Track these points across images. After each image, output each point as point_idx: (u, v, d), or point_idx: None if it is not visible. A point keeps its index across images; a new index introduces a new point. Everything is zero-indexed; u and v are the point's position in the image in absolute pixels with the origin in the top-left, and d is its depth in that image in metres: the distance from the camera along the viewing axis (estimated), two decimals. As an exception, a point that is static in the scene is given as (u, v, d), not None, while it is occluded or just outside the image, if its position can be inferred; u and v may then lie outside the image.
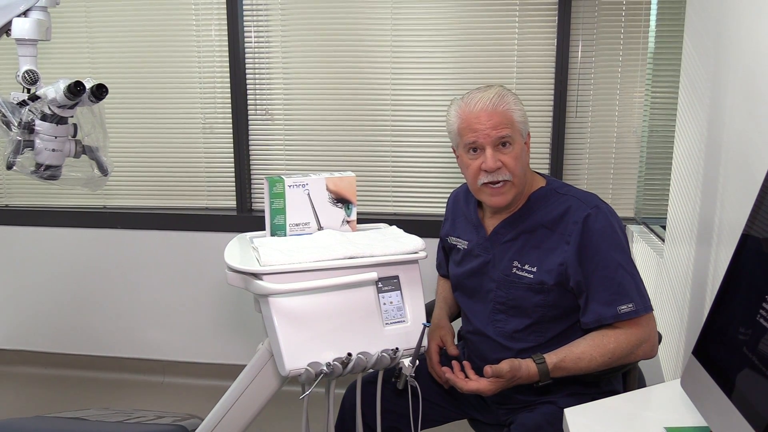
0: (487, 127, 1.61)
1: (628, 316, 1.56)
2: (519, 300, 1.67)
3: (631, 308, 1.56)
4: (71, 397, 3.11)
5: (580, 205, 1.63)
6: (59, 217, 3.23)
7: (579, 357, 1.56)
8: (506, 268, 1.69)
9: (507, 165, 1.62)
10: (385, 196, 3.06)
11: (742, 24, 1.61)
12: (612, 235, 1.60)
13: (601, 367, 1.56)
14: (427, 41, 2.91)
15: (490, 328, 1.72)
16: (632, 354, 1.58)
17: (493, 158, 1.61)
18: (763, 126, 1.44)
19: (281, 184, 1.72)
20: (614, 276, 1.57)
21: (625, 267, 1.59)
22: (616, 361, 1.57)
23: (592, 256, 1.58)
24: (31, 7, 1.57)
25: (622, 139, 2.88)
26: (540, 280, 1.63)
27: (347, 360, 1.52)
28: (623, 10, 2.79)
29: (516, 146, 1.63)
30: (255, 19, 3.00)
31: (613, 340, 1.56)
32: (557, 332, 1.65)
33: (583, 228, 1.59)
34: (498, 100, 1.62)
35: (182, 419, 2.06)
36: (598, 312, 1.58)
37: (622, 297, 1.56)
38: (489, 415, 1.80)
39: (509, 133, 1.61)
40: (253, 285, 1.53)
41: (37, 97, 1.56)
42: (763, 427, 0.83)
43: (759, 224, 0.97)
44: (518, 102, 1.65)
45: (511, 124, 1.62)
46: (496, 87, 1.66)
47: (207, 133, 3.14)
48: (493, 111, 1.61)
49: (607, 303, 1.57)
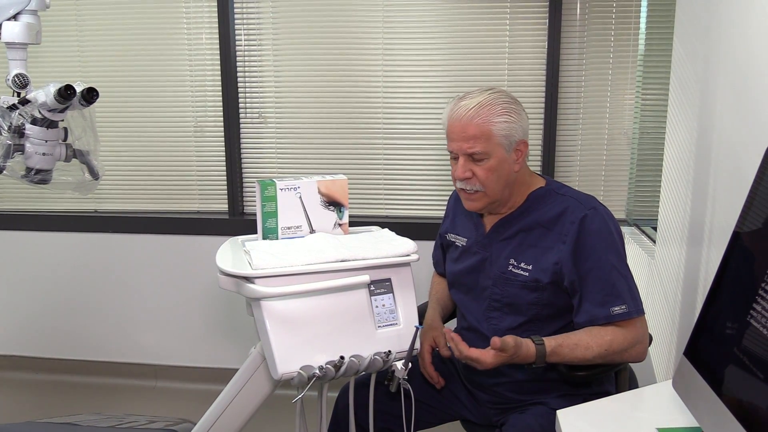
0: (460, 139, 1.62)
1: (620, 318, 1.57)
2: (514, 297, 1.67)
3: (624, 310, 1.57)
4: (62, 402, 3.09)
5: (578, 206, 1.64)
6: (50, 222, 3.22)
7: (576, 344, 1.56)
8: (502, 265, 1.70)
9: (478, 176, 1.63)
10: (377, 198, 3.06)
11: (732, 25, 1.62)
12: (607, 236, 1.61)
13: (596, 359, 1.56)
14: (419, 44, 2.91)
15: (485, 325, 1.73)
16: (626, 352, 1.58)
17: (462, 168, 1.63)
18: (752, 126, 1.45)
19: (273, 187, 1.72)
20: (608, 277, 1.58)
21: (619, 269, 1.60)
22: (611, 355, 1.57)
23: (588, 257, 1.59)
24: (21, 10, 1.56)
25: (613, 141, 2.89)
26: (535, 278, 1.64)
27: (340, 363, 1.51)
28: (613, 12, 2.80)
29: (492, 159, 1.62)
30: (246, 22, 3.00)
31: (609, 333, 1.57)
32: (551, 331, 1.65)
33: (579, 228, 1.60)
34: (475, 113, 1.59)
35: (174, 423, 2.05)
36: (590, 312, 1.58)
37: (615, 298, 1.57)
38: (480, 416, 1.81)
39: (480, 150, 1.60)
40: (245, 288, 1.52)
41: (28, 100, 1.55)
42: (755, 428, 0.84)
43: (749, 225, 0.97)
44: (506, 111, 1.61)
45: (486, 138, 1.60)
46: (486, 94, 1.62)
47: (198, 137, 3.13)
48: (468, 123, 1.60)
49: (600, 304, 1.57)
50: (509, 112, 1.62)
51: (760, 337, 0.86)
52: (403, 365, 1.58)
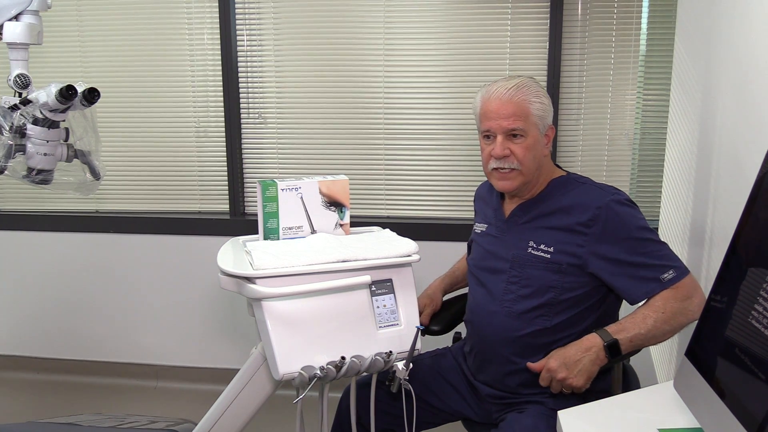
0: (500, 117, 1.66)
1: (672, 282, 1.57)
2: (533, 279, 1.68)
3: (673, 274, 1.58)
4: (63, 402, 3.09)
5: (601, 192, 1.68)
6: (51, 222, 3.22)
7: (632, 319, 1.57)
8: (522, 248, 1.72)
9: (515, 154, 1.67)
10: (378, 199, 3.06)
11: (733, 25, 1.62)
12: (636, 214, 1.65)
13: (659, 325, 1.55)
14: (420, 45, 2.91)
15: (498, 307, 1.73)
16: (685, 310, 1.56)
17: (501, 146, 1.67)
18: (754, 127, 1.45)
19: (274, 187, 1.72)
20: (648, 250, 1.60)
21: (655, 239, 1.63)
22: (671, 318, 1.56)
23: (623, 237, 1.61)
24: (22, 11, 1.56)
25: (615, 141, 2.89)
26: (557, 260, 1.66)
27: (341, 363, 1.51)
28: (614, 12, 2.80)
29: (529, 138, 1.67)
30: (247, 23, 3.00)
31: (659, 298, 1.57)
32: (563, 319, 1.66)
33: (607, 212, 1.63)
34: (515, 92, 1.66)
35: (175, 424, 2.05)
36: (643, 287, 1.59)
37: (662, 267, 1.58)
38: (482, 413, 1.81)
39: (520, 126, 1.65)
40: (246, 289, 1.52)
41: (29, 101, 1.56)
42: (756, 428, 0.84)
43: (750, 225, 0.97)
44: (540, 95, 1.68)
45: (525, 116, 1.66)
46: (520, 78, 1.70)
47: (200, 137, 3.13)
48: (507, 101, 1.66)
49: (649, 277, 1.59)
50: (542, 95, 1.70)
51: (761, 337, 0.86)
52: (404, 366, 1.58)
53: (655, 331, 1.56)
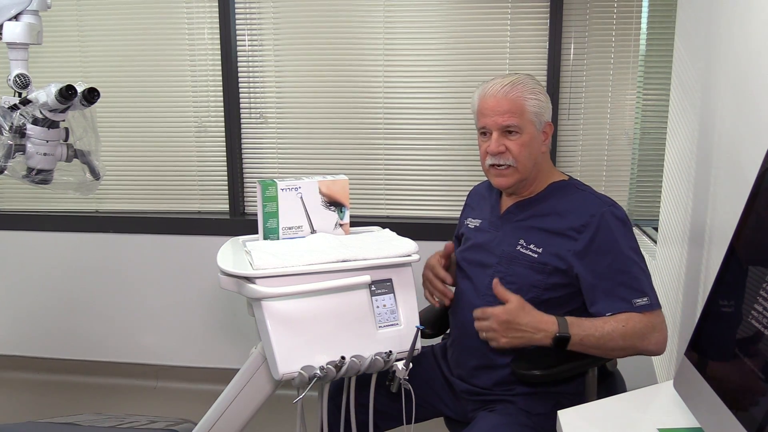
0: (495, 114, 1.67)
1: (641, 309, 1.57)
2: (517, 276, 1.68)
3: (646, 302, 1.57)
4: (63, 402, 3.09)
5: (597, 201, 1.67)
6: (51, 222, 3.22)
7: (592, 321, 1.55)
8: (511, 245, 1.72)
9: (511, 150, 1.67)
10: (378, 199, 3.06)
11: (733, 25, 1.62)
12: (628, 232, 1.64)
13: (615, 337, 1.53)
14: (420, 44, 2.91)
15: (481, 301, 1.71)
16: (645, 339, 1.55)
17: (496, 142, 1.67)
18: (754, 127, 1.45)
19: (274, 187, 1.72)
20: (630, 271, 1.59)
21: (640, 264, 1.62)
22: (630, 336, 1.54)
23: (608, 251, 1.60)
24: (22, 10, 1.56)
25: (614, 141, 2.89)
26: (544, 261, 1.65)
27: (341, 363, 1.51)
28: (614, 12, 2.80)
29: (524, 134, 1.67)
30: (247, 22, 3.00)
31: (626, 315, 1.56)
32: None
33: (600, 222, 1.62)
34: (510, 89, 1.66)
35: (175, 424, 2.05)
36: (611, 305, 1.58)
37: (637, 291, 1.58)
38: (458, 410, 1.81)
39: (515, 122, 1.65)
40: (245, 288, 1.52)
41: (29, 101, 1.56)
42: (756, 428, 0.84)
43: (750, 225, 0.97)
44: (537, 92, 1.68)
45: (520, 113, 1.66)
46: (516, 75, 1.70)
47: (199, 137, 3.13)
48: (503, 98, 1.66)
49: (622, 296, 1.58)
50: (539, 92, 1.70)
51: (761, 337, 0.86)
52: (404, 365, 1.58)
53: (606, 340, 1.54)
